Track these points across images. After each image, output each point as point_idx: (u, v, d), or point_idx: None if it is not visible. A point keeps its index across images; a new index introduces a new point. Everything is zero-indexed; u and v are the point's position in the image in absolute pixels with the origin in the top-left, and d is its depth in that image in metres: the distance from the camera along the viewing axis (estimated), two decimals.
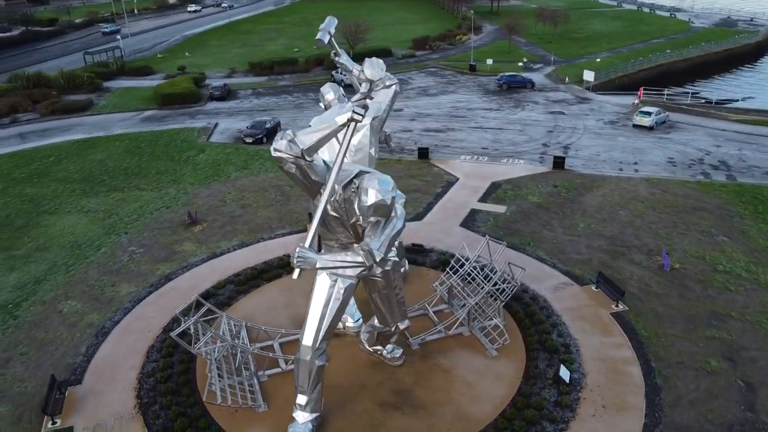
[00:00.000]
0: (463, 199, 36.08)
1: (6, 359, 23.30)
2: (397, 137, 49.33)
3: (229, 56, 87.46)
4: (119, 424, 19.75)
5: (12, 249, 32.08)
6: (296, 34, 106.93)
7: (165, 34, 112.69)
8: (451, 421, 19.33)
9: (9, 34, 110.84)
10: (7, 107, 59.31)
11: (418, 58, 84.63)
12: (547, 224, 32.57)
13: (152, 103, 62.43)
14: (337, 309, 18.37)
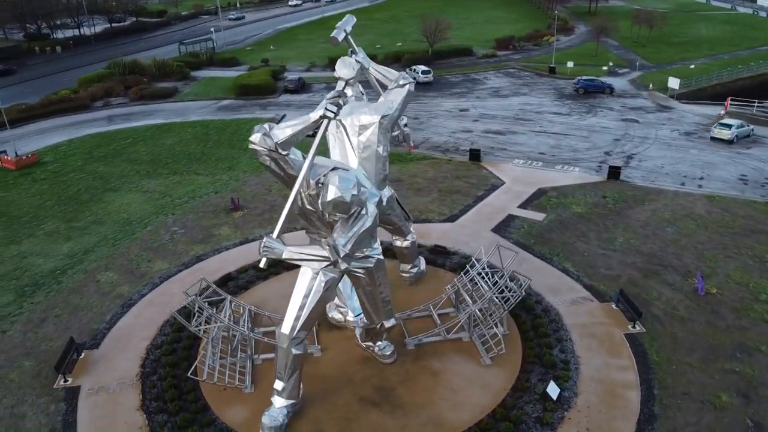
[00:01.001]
0: (502, 203, 35.29)
1: (42, 319, 25.63)
2: (455, 137, 49.02)
3: (313, 51, 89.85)
4: (120, 388, 21.26)
5: (73, 221, 35.07)
6: (383, 30, 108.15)
7: (258, 27, 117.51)
8: (425, 424, 19.22)
9: (121, 24, 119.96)
10: (102, 91, 64.47)
11: (499, 58, 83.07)
12: (583, 236, 31.23)
13: (230, 93, 65.55)
14: (318, 301, 18.77)
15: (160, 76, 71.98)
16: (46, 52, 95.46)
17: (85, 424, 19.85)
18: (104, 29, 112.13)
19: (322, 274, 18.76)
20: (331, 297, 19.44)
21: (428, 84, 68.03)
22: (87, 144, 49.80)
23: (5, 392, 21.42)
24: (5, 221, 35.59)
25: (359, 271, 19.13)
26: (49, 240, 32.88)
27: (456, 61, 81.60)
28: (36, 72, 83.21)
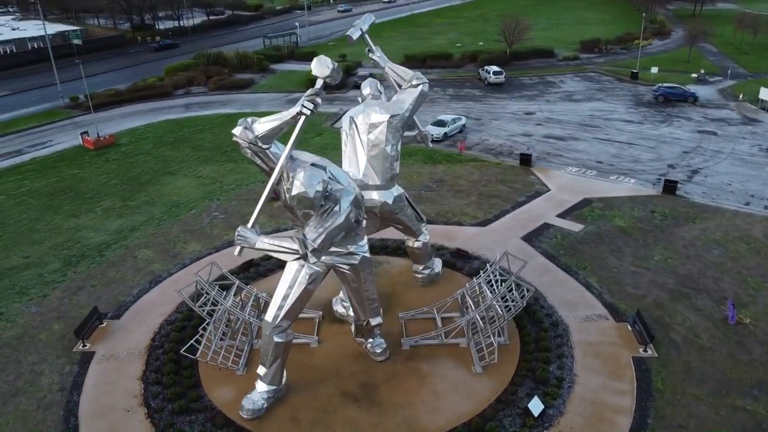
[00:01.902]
0: (541, 211, 34.23)
1: (79, 288, 27.86)
2: (512, 140, 47.92)
3: (393, 48, 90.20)
4: (128, 357, 22.77)
5: (129, 200, 37.68)
6: (468, 29, 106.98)
7: (346, 23, 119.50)
8: (398, 425, 19.21)
9: (219, 16, 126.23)
10: (185, 80, 68.40)
11: (581, 61, 79.92)
12: (618, 251, 29.73)
13: (302, 87, 67.36)
14: (301, 292, 19.24)
15: (240, 67, 75.29)
16: (147, 42, 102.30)
17: (90, 386, 21.46)
18: (202, 21, 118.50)
19: (308, 267, 19.20)
20: (314, 289, 19.73)
21: (499, 85, 66.76)
22: (160, 129, 53.11)
23: (32, 350, 23.54)
24: (72, 196, 38.82)
25: (344, 267, 19.39)
26: (104, 216, 35.54)
27: (535, 62, 79.39)
28: (136, 59, 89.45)
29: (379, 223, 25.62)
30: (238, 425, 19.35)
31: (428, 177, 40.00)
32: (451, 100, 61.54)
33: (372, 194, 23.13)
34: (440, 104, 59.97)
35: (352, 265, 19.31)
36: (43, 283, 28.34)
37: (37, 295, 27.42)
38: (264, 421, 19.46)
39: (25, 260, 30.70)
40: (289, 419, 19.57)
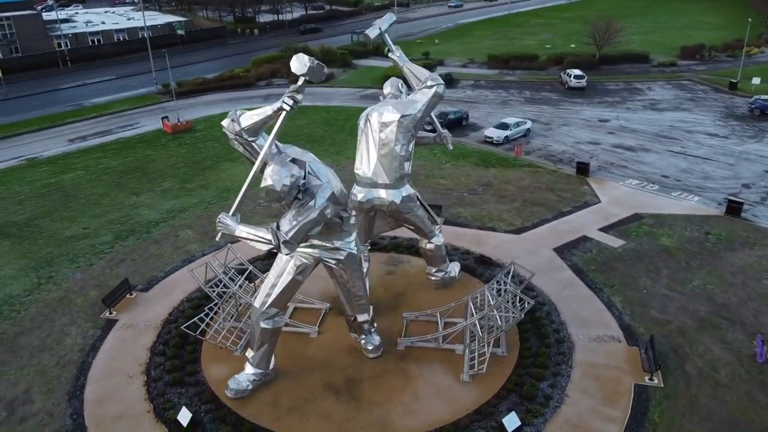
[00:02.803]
0: (583, 223, 32.79)
1: (121, 260, 30.17)
2: (577, 147, 46.07)
3: (480, 47, 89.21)
4: (144, 328, 24.47)
5: (187, 183, 40.10)
6: (564, 30, 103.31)
7: (437, 21, 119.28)
8: (371, 422, 19.37)
9: (318, 11, 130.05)
10: (268, 72, 71.33)
11: (678, 68, 74.87)
12: (655, 271, 27.96)
13: (378, 83, 68.17)
14: (288, 282, 19.85)
15: (324, 62, 77.02)
16: (246, 34, 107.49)
17: (105, 350, 23.31)
18: (301, 15, 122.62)
19: (296, 258, 19.78)
20: (302, 280, 20.23)
21: (580, 90, 64.13)
22: None
23: (66, 312, 25.87)
24: (140, 175, 41.89)
25: (330, 261, 19.75)
26: (161, 196, 38.10)
27: (626, 67, 75.33)
28: (234, 50, 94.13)
29: (393, 222, 25.78)
30: (222, 403, 20.30)
31: (476, 180, 39.39)
32: (524, 103, 59.97)
33: (381, 193, 23.32)
34: (512, 107, 58.65)
35: (338, 260, 19.62)
36: (92, 253, 30.93)
37: (85, 263, 29.98)
38: (246, 402, 20.28)
39: (83, 231, 33.61)
40: (269, 403, 20.26)
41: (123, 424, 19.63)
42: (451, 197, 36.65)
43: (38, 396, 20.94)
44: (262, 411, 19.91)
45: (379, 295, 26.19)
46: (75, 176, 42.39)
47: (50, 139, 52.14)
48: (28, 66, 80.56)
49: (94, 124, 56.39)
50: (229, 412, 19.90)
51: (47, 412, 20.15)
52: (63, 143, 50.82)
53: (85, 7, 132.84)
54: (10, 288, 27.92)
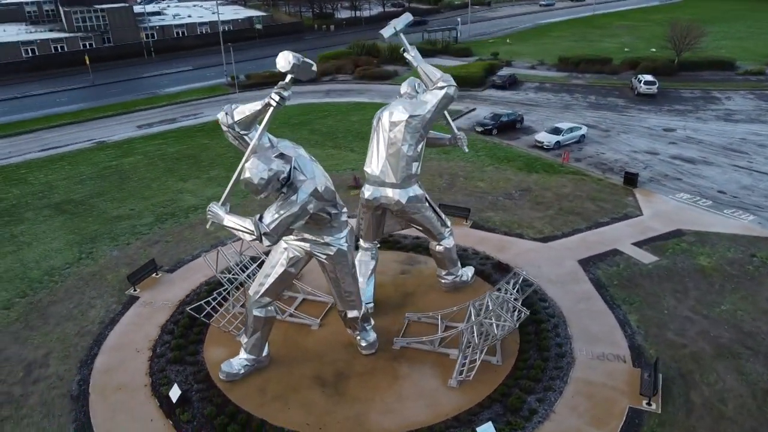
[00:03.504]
0: (617, 236, 31.42)
1: (156, 241, 31.93)
2: (631, 157, 44.07)
3: (553, 49, 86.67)
4: (161, 307, 25.84)
5: (231, 172, 40.90)
6: (648, 33, 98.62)
7: (516, 21, 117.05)
8: (348, 417, 19.59)
9: (397, 8, 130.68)
10: (333, 68, 72.71)
11: (766, 77, 69.69)
12: (683, 292, 26.42)
13: None
14: (281, 273, 20.42)
15: (390, 59, 77.83)
16: (322, 30, 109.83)
17: (122, 325, 24.84)
18: (378, 13, 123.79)
19: (290, 251, 20.31)
20: (294, 272, 20.70)
21: (650, 96, 61.09)
22: (293, 111, 57.36)
23: (97, 286, 27.74)
24: (191, 163, 44.02)
25: (321, 256, 20.10)
26: (206, 183, 39.89)
27: (708, 74, 70.89)
28: (308, 45, 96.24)
29: (403, 221, 25.83)
30: (213, 384, 21.16)
31: (515, 184, 38.55)
32: (587, 108, 57.89)
33: (387, 191, 23.41)
34: (574, 111, 56.80)
35: (328, 255, 19.94)
36: (132, 233, 32.92)
37: (123, 242, 31.97)
38: (235, 386, 21.03)
39: (129, 212, 35.81)
40: (257, 389, 20.92)
41: (121, 394, 20.88)
42: (485, 201, 36.10)
43: (54, 361, 22.65)
44: (248, 395, 20.59)
45: (388, 294, 26.35)
46: (134, 160, 45.15)
47: (121, 124, 55.74)
48: (116, 55, 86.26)
49: (162, 112, 59.70)
50: (217, 393, 20.72)
51: (58, 376, 21.77)
52: (132, 129, 54.18)
53: (179, 1, 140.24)
54: (54, 260, 30.23)
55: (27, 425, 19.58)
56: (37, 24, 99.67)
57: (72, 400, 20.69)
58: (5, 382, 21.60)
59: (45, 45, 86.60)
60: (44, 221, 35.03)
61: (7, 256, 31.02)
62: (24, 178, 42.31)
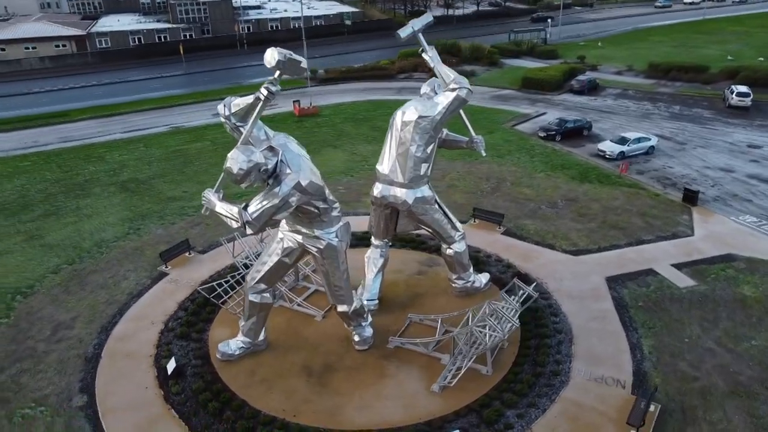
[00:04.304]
0: (656, 255, 29.61)
1: (197, 223, 33.82)
2: (701, 173, 41.14)
3: (647, 54, 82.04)
4: (184, 285, 27.41)
5: None
6: (762, 41, 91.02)
7: (615, 24, 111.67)
8: (323, 409, 19.98)
9: (493, 8, 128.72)
10: (411, 66, 73.09)
11: None
12: (712, 321, 24.55)
13: (516, 84, 66.45)
14: (276, 263, 21.17)
15: (471, 59, 77.03)
16: None
17: (146, 297, 26.69)
18: (472, 12, 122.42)
19: (285, 241, 21.00)
20: (289, 263, 21.31)
21: (743, 109, 56.45)
22: (360, 107, 58.41)
23: (135, 260, 29.89)
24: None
25: (312, 249, 20.60)
26: None
27: None
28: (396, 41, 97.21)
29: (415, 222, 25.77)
30: (209, 361, 22.29)
31: (563, 193, 37.17)
32: (667, 119, 54.47)
33: (395, 191, 23.53)
34: (651, 121, 53.68)
35: (318, 248, 20.40)
36: (179, 214, 35.07)
37: (169, 222, 34.14)
38: (228, 366, 22.02)
39: (182, 194, 38.13)
40: (247, 371, 21.80)
41: (127, 361, 22.51)
42: (525, 208, 35.13)
43: (79, 324, 24.76)
44: (237, 376, 21.53)
45: (398, 292, 26.48)
46: (201, 146, 47.89)
47: (199, 111, 59.15)
48: (211, 46, 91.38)
49: None
50: (210, 371, 21.82)
51: (79, 339, 23.80)
52: (207, 116, 57.35)
53: None
54: (106, 233, 32.86)
55: (41, 379, 21.61)
56: (149, 15, 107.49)
57: (85, 361, 22.56)
58: (33, 338, 23.91)
59: (150, 34, 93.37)
60: (107, 197, 38.09)
61: (68, 226, 34.09)
62: (102, 157, 46.12)
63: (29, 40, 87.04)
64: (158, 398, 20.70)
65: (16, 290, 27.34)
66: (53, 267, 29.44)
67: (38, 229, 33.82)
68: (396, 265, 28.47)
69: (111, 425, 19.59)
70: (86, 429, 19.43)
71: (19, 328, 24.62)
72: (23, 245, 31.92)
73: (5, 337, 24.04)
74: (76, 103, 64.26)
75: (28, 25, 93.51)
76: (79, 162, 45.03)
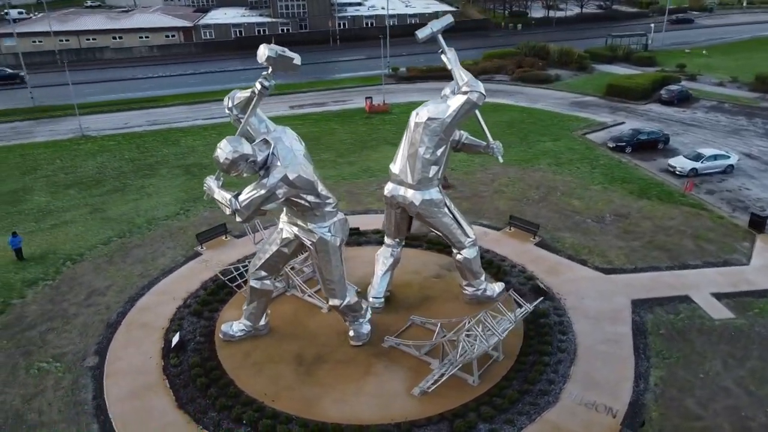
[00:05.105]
0: (697, 282, 27.52)
1: None
2: None
3: (760, 65, 75.01)
4: (212, 266, 28.90)
5: (340, 157, 44.26)
6: None
7: (735, 30, 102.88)
8: (302, 397, 20.56)
9: (599, 10, 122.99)
10: (493, 68, 71.69)
11: None
12: (738, 359, 22.52)
13: (600, 91, 63.40)
14: (275, 252, 22.02)
15: (559, 63, 74.39)
16: (508, 28, 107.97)
17: (175, 274, 28.54)
18: (575, 14, 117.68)
19: (284, 232, 21.76)
20: (286, 252, 21.97)
21: None
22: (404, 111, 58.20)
23: (176, 239, 31.95)
24: (313, 144, 46.31)
25: (306, 241, 21.16)
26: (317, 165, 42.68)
27: None
28: (489, 42, 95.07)
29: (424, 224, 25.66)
30: (212, 339, 23.55)
31: (614, 208, 35.25)
32: (760, 136, 49.83)
33: (404, 191, 23.59)
34: (741, 137, 49.40)
35: (311, 241, 20.92)
36: None
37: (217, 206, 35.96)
38: (227, 346, 23.14)
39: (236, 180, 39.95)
40: (243, 353, 22.81)
41: (141, 331, 24.27)
42: (569, 220, 33.73)
43: (111, 293, 26.95)
44: (232, 356, 22.59)
45: (410, 293, 26.53)
46: None
47: (278, 103, 61.45)
48: (305, 41, 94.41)
49: (317, 96, 64.62)
50: (210, 348, 23.07)
51: (107, 306, 25.94)
52: (284, 108, 59.67)
53: None
54: (158, 212, 35.35)
55: (64, 338, 23.84)
56: (254, 9, 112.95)
57: (106, 326, 24.59)
58: (68, 301, 26.35)
59: (250, 28, 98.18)
60: (171, 178, 40.87)
61: (130, 203, 37.00)
62: (177, 141, 49.42)
63: (144, 30, 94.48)
64: (158, 368, 22.18)
65: (67, 256, 30.17)
66: (105, 239, 32.14)
67: (103, 203, 36.99)
68: (415, 266, 28.52)
69: (110, 387, 21.29)
70: (89, 387, 21.23)
71: (60, 290, 27.20)
72: (87, 217, 35.08)
73: (46, 296, 26.69)
74: (171, 89, 69.01)
75: (144, 16, 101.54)
76: (157, 144, 48.54)
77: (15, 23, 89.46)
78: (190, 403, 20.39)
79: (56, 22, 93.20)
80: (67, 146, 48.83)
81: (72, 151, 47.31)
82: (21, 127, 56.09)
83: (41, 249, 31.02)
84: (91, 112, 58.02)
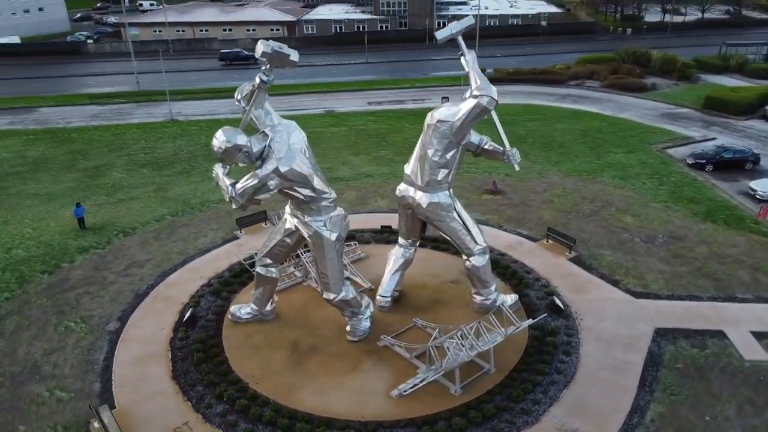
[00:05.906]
0: (738, 317, 25.16)
1: None
2: None
3: None
4: (246, 250, 30.21)
5: (398, 155, 44.39)
6: None
7: None
8: (285, 385, 21.23)
9: (723, 17, 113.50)
10: (586, 73, 68.59)
11: None
12: (759, 407, 20.43)
13: (697, 103, 58.80)
14: (278, 241, 22.96)
15: (660, 71, 69.79)
16: (616, 32, 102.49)
17: (210, 255, 30.30)
18: (695, 20, 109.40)
19: (287, 222, 22.57)
20: (287, 243, 22.70)
21: None
22: (507, 110, 56.63)
23: (221, 222, 33.79)
24: (377, 141, 48.07)
25: (304, 233, 21.78)
26: (368, 161, 43.55)
27: None
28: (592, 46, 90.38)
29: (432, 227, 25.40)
30: (221, 318, 24.84)
31: (671, 229, 32.83)
32: None
33: (414, 192, 23.57)
34: None
35: (308, 234, 21.50)
36: None
37: None
38: (233, 326, 24.33)
39: None
40: (245, 334, 23.91)
41: (163, 304, 26.09)
42: (615, 237, 31.88)
43: (149, 266, 29.16)
44: (234, 336, 23.75)
45: (422, 295, 26.50)
46: (337, 131, 51.28)
47: (357, 99, 62.93)
48: (400, 38, 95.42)
49: (398, 93, 65.19)
50: (217, 326, 24.38)
51: (140, 277, 28.13)
52: (362, 104, 60.84)
53: None
54: (213, 195, 37.49)
55: (95, 302, 26.17)
56: (359, 6, 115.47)
57: (135, 296, 26.68)
58: (110, 270, 28.82)
59: (350, 24, 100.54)
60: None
61: (191, 184, 39.59)
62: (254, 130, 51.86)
63: (251, 23, 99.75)
64: (166, 339, 23.80)
65: (121, 229, 32.95)
66: (159, 216, 34.70)
67: (168, 183, 39.88)
68: (435, 269, 28.40)
69: (121, 351, 23.16)
70: (104, 349, 23.22)
71: (105, 259, 29.82)
72: (150, 194, 38.02)
73: (92, 263, 29.37)
74: None
75: (254, 10, 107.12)
76: None
77: (143, 14, 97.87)
78: (183, 375, 21.73)
79: (176, 13, 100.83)
80: (156, 128, 52.95)
81: (158, 133, 51.27)
82: (124, 108, 61.49)
83: (103, 220, 34.07)
84: (184, 98, 62.37)
